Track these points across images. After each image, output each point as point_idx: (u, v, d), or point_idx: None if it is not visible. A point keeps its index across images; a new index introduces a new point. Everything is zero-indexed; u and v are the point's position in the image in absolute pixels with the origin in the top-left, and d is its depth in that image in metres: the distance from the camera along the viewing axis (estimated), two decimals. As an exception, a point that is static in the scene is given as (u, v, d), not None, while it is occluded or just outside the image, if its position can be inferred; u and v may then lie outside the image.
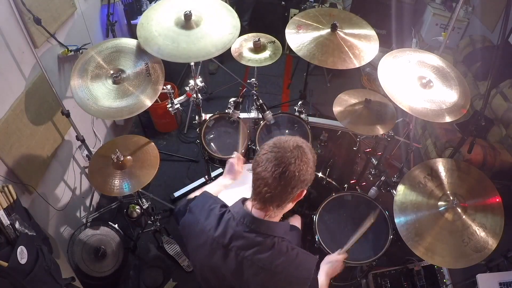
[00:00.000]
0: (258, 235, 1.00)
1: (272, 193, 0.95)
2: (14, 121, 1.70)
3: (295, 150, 0.94)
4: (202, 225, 1.06)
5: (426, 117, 1.60)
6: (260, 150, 0.98)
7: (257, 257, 0.99)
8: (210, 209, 1.09)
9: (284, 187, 0.94)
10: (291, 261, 1.00)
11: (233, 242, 1.01)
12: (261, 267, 0.99)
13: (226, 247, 1.01)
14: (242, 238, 1.00)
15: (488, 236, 1.48)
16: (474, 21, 3.37)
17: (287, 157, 0.93)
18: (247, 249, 0.99)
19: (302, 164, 0.94)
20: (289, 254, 1.01)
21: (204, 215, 1.08)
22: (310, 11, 2.01)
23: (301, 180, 0.96)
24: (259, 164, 0.95)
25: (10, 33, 1.65)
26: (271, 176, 0.93)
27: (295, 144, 0.96)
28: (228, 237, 1.01)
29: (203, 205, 1.11)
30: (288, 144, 0.95)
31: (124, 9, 2.91)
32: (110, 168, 1.80)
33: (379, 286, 1.97)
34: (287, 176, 0.92)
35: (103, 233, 2.24)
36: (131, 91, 1.71)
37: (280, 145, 0.95)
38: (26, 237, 1.33)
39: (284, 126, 2.16)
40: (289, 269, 1.00)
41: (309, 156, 0.98)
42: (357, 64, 1.76)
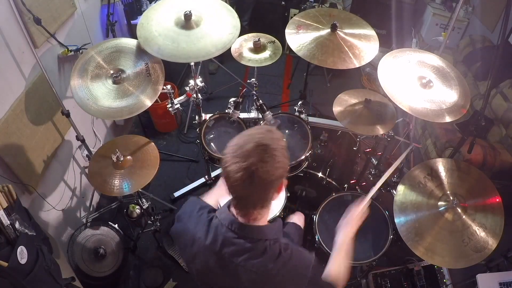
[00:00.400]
0: (248, 241, 0.98)
1: (249, 199, 0.95)
2: (14, 121, 1.70)
3: (255, 152, 0.90)
4: (192, 233, 1.04)
5: (426, 117, 1.60)
6: (225, 160, 0.93)
7: (250, 263, 0.98)
8: (199, 216, 1.07)
9: (258, 191, 0.93)
10: (285, 262, 0.99)
11: (224, 248, 0.99)
12: (255, 272, 0.98)
13: (218, 253, 1.00)
14: (232, 245, 0.99)
15: (488, 236, 1.48)
16: (474, 21, 3.37)
17: (250, 163, 0.88)
18: (239, 256, 0.98)
19: (268, 164, 0.90)
20: (282, 256, 0.99)
21: (192, 223, 1.06)
22: (310, 11, 2.01)
23: (274, 179, 0.93)
24: (228, 176, 0.92)
25: (10, 33, 1.65)
26: (242, 185, 0.91)
27: (254, 144, 0.91)
28: (219, 244, 1.00)
29: (191, 212, 1.10)
30: (248, 148, 0.90)
31: (124, 9, 2.91)
32: (110, 168, 1.81)
33: (379, 286, 1.97)
34: (257, 181, 0.90)
35: (103, 233, 2.24)
36: (131, 91, 1.71)
37: (241, 152, 0.90)
38: (26, 237, 1.33)
39: (284, 126, 2.16)
40: (284, 271, 0.99)
41: (276, 150, 0.92)
42: (357, 64, 1.76)
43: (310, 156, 2.05)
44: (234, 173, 0.90)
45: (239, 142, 0.94)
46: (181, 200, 2.77)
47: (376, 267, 2.01)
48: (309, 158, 2.07)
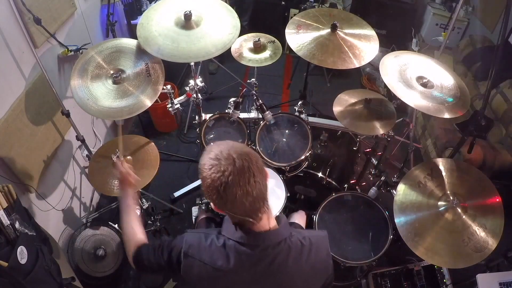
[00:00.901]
0: (273, 248, 0.97)
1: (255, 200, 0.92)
2: (14, 121, 1.70)
3: (234, 154, 0.89)
4: (210, 264, 0.97)
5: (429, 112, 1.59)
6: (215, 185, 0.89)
7: (285, 268, 0.98)
8: (209, 245, 0.99)
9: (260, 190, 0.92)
10: (310, 250, 1.02)
11: (253, 266, 0.97)
12: (292, 273, 0.99)
13: (247, 272, 0.97)
14: (260, 259, 0.97)
15: (488, 236, 1.48)
16: (474, 21, 3.38)
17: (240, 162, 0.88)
18: (270, 266, 0.97)
19: (252, 156, 0.91)
20: (304, 246, 1.02)
21: (206, 254, 0.98)
22: (310, 11, 2.01)
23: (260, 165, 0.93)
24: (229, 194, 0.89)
25: (10, 33, 1.65)
26: (246, 189, 0.89)
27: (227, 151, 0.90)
28: (245, 264, 0.96)
29: (199, 244, 1.01)
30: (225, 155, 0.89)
31: (124, 9, 2.91)
32: (110, 168, 1.81)
33: (379, 286, 1.97)
34: (257, 174, 0.90)
35: (103, 233, 2.24)
36: (131, 91, 1.71)
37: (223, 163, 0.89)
38: (26, 237, 1.33)
39: (284, 126, 2.16)
40: (313, 257, 1.02)
41: (244, 148, 0.93)
42: (357, 64, 1.76)
43: (310, 156, 2.05)
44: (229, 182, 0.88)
45: (210, 157, 0.91)
46: (181, 200, 2.77)
47: (376, 267, 2.01)
48: (309, 158, 2.07)
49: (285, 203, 1.87)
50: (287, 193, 1.92)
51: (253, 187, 0.90)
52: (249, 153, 0.93)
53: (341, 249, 1.84)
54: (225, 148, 0.92)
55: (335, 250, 1.81)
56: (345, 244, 1.87)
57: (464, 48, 3.27)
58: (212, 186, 0.90)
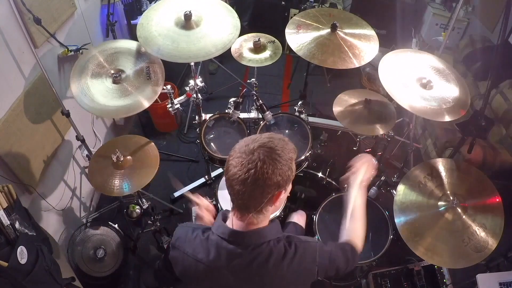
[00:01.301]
0: (252, 248, 0.97)
1: (244, 198, 0.93)
2: (14, 121, 1.70)
3: (259, 151, 0.90)
4: (192, 256, 1.02)
5: (427, 115, 1.60)
6: (230, 154, 0.96)
7: (261, 270, 0.98)
8: (194, 238, 1.04)
9: (253, 190, 0.91)
10: (293, 258, 1.00)
11: (231, 262, 0.98)
12: (271, 277, 0.98)
13: (225, 268, 0.98)
14: (238, 257, 0.97)
15: (488, 236, 1.48)
16: (474, 21, 3.37)
17: (250, 160, 0.89)
18: (248, 266, 0.97)
19: (269, 166, 0.89)
20: (288, 253, 1.00)
21: (190, 246, 1.03)
22: (310, 11, 2.01)
23: (270, 183, 0.91)
24: (228, 169, 0.94)
25: (10, 33, 1.65)
26: (238, 179, 0.91)
27: (259, 144, 0.92)
28: (223, 258, 0.98)
29: (186, 236, 1.06)
30: (253, 147, 0.91)
31: (124, 9, 2.91)
32: (110, 168, 1.80)
33: (379, 286, 1.97)
34: (252, 180, 0.89)
35: (103, 233, 2.24)
36: (131, 91, 1.71)
37: (246, 149, 0.92)
38: (26, 237, 1.33)
39: (284, 126, 2.16)
40: (294, 266, 0.99)
41: (280, 157, 0.92)
42: (357, 64, 1.76)
43: (310, 156, 2.05)
44: (233, 167, 0.92)
45: (248, 141, 0.95)
46: (181, 200, 2.77)
47: (376, 267, 2.01)
48: (309, 158, 2.07)
49: (285, 203, 1.87)
50: (287, 193, 1.92)
51: (245, 186, 0.91)
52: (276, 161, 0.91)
53: (341, 249, 1.83)
54: (261, 142, 0.93)
55: (335, 250, 1.81)
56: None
57: (464, 48, 3.26)
58: (226, 163, 0.96)
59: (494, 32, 3.00)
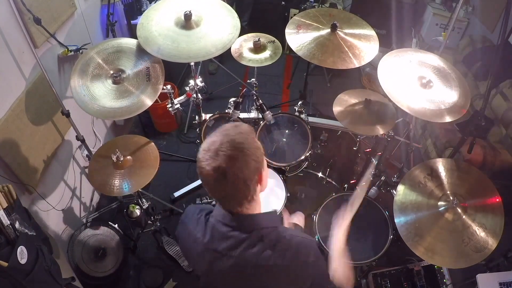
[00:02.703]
0: (243, 231, 0.97)
1: (228, 198, 0.94)
2: (14, 121, 1.70)
3: (223, 150, 0.88)
4: (193, 234, 1.06)
5: (425, 117, 1.60)
6: (198, 167, 0.92)
7: (248, 254, 0.96)
8: (198, 218, 1.08)
9: (235, 188, 0.91)
10: (285, 249, 0.96)
11: (221, 244, 0.99)
12: (254, 262, 0.95)
13: (217, 251, 0.99)
14: (228, 239, 0.98)
15: (488, 236, 1.48)
16: (474, 21, 3.37)
17: (220, 163, 0.88)
18: (236, 248, 0.97)
19: (238, 160, 0.89)
20: (281, 243, 0.97)
21: (193, 224, 1.08)
22: (310, 11, 2.01)
23: (248, 174, 0.90)
24: (206, 182, 0.93)
25: (10, 33, 1.65)
26: (215, 184, 0.91)
27: (219, 143, 0.90)
28: (216, 241, 1.00)
29: (192, 215, 1.11)
30: (215, 147, 0.89)
31: (124, 9, 2.91)
32: (110, 168, 1.80)
33: (379, 286, 1.97)
34: (231, 180, 0.89)
35: (103, 233, 2.24)
36: (131, 91, 1.71)
37: (211, 152, 0.89)
38: (26, 237, 1.33)
39: (284, 126, 2.16)
40: (284, 260, 0.95)
41: (243, 144, 0.90)
42: (357, 64, 1.76)
43: (310, 156, 2.05)
44: (206, 174, 0.90)
45: (208, 141, 0.93)
46: (181, 200, 2.77)
47: (376, 267, 2.01)
48: (309, 158, 2.07)
49: (285, 203, 1.87)
50: (287, 193, 1.92)
51: (225, 187, 0.91)
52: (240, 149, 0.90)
53: (341, 249, 1.84)
54: (218, 139, 0.91)
55: (335, 250, 1.81)
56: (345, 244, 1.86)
57: (464, 48, 3.26)
58: (197, 168, 0.94)
59: (494, 32, 3.00)
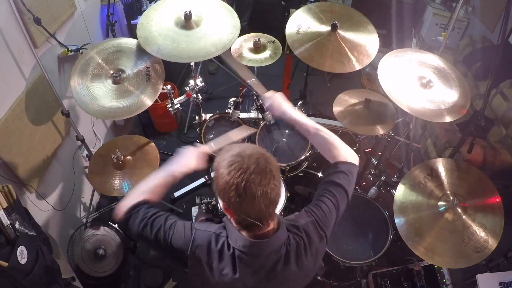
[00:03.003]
0: (273, 255, 0.96)
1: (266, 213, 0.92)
2: (14, 121, 1.70)
3: (256, 155, 0.89)
4: (217, 270, 0.96)
5: (425, 117, 1.60)
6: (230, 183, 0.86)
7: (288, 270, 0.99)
8: (219, 250, 0.96)
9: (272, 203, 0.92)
10: (306, 245, 1.01)
11: (256, 274, 0.96)
12: (296, 273, 1.00)
13: (250, 280, 0.96)
14: (263, 267, 0.96)
15: (488, 236, 1.48)
16: (474, 21, 3.37)
17: (263, 163, 0.88)
18: (272, 271, 0.97)
19: (273, 161, 0.92)
20: (301, 243, 1.01)
21: (215, 259, 0.96)
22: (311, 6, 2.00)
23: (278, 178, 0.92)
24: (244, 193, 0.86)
25: (10, 33, 1.65)
26: (263, 191, 0.87)
27: (250, 151, 0.89)
28: (248, 272, 0.95)
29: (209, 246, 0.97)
30: (248, 154, 0.89)
31: (124, 9, 2.91)
32: (110, 168, 1.81)
33: (379, 286, 1.97)
34: (276, 178, 0.90)
35: (103, 233, 2.24)
36: (131, 91, 1.71)
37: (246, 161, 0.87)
38: (26, 237, 1.33)
39: (284, 126, 2.16)
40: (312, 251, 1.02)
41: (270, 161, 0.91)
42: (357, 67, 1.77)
43: (310, 156, 2.05)
44: (248, 180, 0.85)
45: (233, 154, 0.90)
46: (181, 200, 2.77)
47: (376, 267, 2.01)
48: (309, 158, 2.07)
49: (285, 203, 1.87)
50: (287, 193, 1.92)
51: (272, 189, 0.89)
52: (270, 156, 0.93)
53: (341, 249, 1.84)
54: (247, 148, 0.91)
55: (335, 250, 1.81)
56: (345, 244, 1.87)
57: (464, 48, 3.26)
58: (231, 183, 0.86)
59: (494, 32, 3.00)
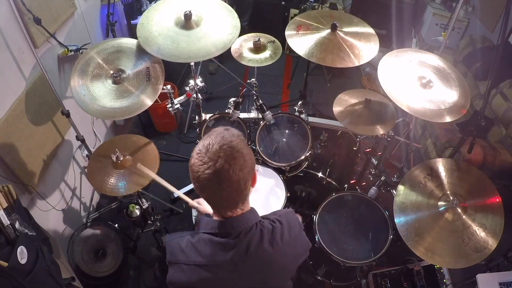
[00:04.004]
0: (245, 233, 0.98)
1: (230, 199, 0.96)
2: (14, 121, 1.70)
3: (222, 153, 0.90)
4: (190, 263, 1.00)
5: (425, 117, 1.60)
6: (193, 171, 0.93)
7: (262, 252, 0.99)
8: (185, 246, 1.02)
9: (237, 189, 0.94)
10: (282, 230, 1.03)
11: (228, 255, 0.97)
12: (271, 255, 1.00)
13: (225, 263, 0.98)
14: (233, 247, 0.97)
15: (488, 236, 1.48)
16: (474, 21, 3.37)
17: (221, 166, 0.89)
18: (246, 253, 0.98)
19: (237, 160, 0.91)
20: (276, 227, 1.03)
21: (185, 255, 1.01)
22: (311, 13, 2.01)
23: (246, 173, 0.94)
24: (202, 187, 0.93)
25: (10, 33, 1.65)
26: (219, 189, 0.92)
27: (217, 146, 0.91)
28: (220, 253, 0.98)
29: (177, 248, 1.03)
30: (213, 151, 0.91)
31: (124, 9, 2.91)
32: (110, 168, 1.80)
33: (379, 286, 1.97)
34: (234, 181, 0.91)
35: (103, 233, 2.24)
36: (131, 91, 1.71)
37: (208, 158, 0.90)
38: (26, 237, 1.33)
39: (284, 126, 2.16)
40: (287, 239, 1.03)
41: (238, 146, 0.93)
42: (357, 63, 1.76)
43: (310, 156, 2.05)
44: (205, 178, 0.90)
45: (203, 145, 0.93)
46: (181, 200, 2.76)
47: (376, 267, 2.01)
48: (309, 158, 2.07)
49: (284, 203, 1.87)
50: (287, 193, 1.92)
51: (227, 188, 0.92)
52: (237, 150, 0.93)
53: (341, 249, 1.84)
54: (215, 142, 0.93)
55: (335, 250, 1.82)
56: (345, 244, 1.87)
57: (464, 48, 3.26)
58: (193, 174, 0.94)
59: (494, 32, 3.00)
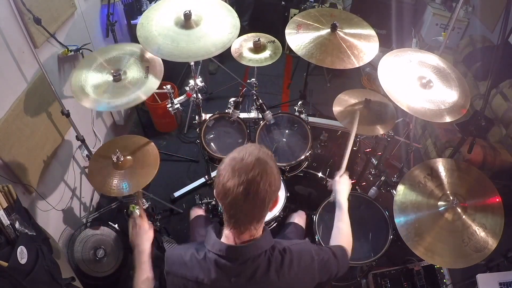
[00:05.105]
0: (251, 261, 0.97)
1: (248, 215, 0.95)
2: (14, 121, 1.70)
3: (256, 165, 0.91)
4: (193, 279, 0.98)
5: (425, 117, 1.60)
6: (221, 177, 0.93)
7: (267, 280, 0.98)
8: (189, 259, 1.00)
9: (260, 205, 0.94)
10: (290, 262, 1.01)
11: (233, 280, 0.97)
12: (275, 285, 0.99)
13: (230, 285, 0.97)
14: (240, 273, 0.97)
15: (488, 236, 1.48)
16: (474, 21, 3.37)
17: (253, 177, 0.90)
18: (250, 279, 0.97)
19: (269, 176, 0.93)
20: (285, 257, 1.01)
21: (188, 269, 0.99)
22: (311, 11, 2.01)
23: (273, 191, 0.95)
24: (226, 194, 0.91)
25: (10, 33, 1.65)
26: (244, 200, 0.91)
27: (253, 158, 0.92)
28: (225, 277, 0.97)
29: (181, 260, 1.01)
30: (247, 162, 0.92)
31: (124, 9, 2.91)
32: (110, 168, 1.80)
33: (379, 286, 1.97)
34: (260, 195, 0.92)
35: (103, 233, 2.24)
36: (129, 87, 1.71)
37: (241, 167, 0.91)
38: (26, 237, 1.33)
39: (284, 126, 2.16)
40: (294, 270, 1.01)
41: (271, 163, 0.96)
42: (356, 64, 1.76)
43: (310, 156, 2.05)
44: (236, 188, 0.90)
45: (236, 158, 0.94)
46: (181, 200, 2.77)
47: (376, 267, 2.01)
48: (309, 158, 2.07)
49: (284, 203, 1.87)
50: (287, 193, 1.92)
51: (252, 201, 0.92)
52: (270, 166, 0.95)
53: (341, 249, 1.83)
54: (251, 154, 0.94)
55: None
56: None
57: (464, 48, 3.26)
58: (219, 178, 0.94)
59: (494, 32, 3.00)
